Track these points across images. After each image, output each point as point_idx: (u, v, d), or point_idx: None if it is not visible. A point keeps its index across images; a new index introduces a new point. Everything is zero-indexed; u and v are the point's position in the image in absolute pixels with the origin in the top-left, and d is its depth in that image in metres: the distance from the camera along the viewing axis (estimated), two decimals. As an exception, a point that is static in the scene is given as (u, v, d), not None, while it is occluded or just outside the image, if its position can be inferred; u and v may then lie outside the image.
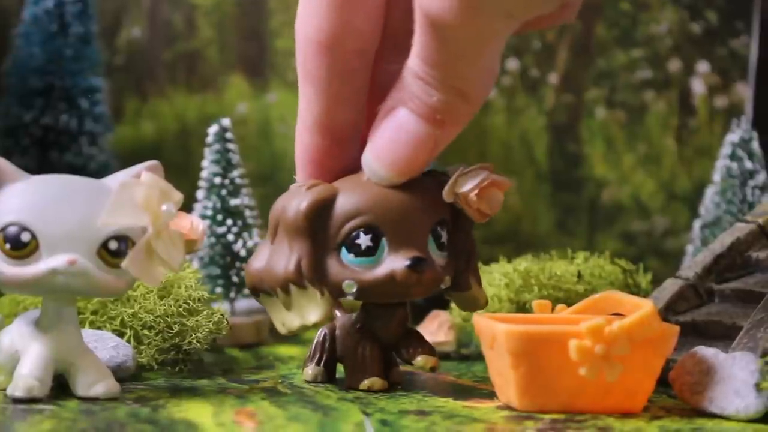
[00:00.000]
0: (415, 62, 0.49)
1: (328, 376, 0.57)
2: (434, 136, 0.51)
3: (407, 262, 0.52)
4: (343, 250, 0.53)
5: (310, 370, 0.57)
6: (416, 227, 0.53)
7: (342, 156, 0.54)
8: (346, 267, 0.53)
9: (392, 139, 0.51)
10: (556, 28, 1.02)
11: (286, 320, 0.54)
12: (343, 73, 0.52)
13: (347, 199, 0.53)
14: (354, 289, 0.53)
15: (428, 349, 0.55)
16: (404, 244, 0.53)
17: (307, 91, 0.53)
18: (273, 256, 0.53)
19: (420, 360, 0.54)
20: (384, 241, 0.52)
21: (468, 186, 0.52)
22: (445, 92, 0.49)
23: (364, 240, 0.52)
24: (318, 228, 0.53)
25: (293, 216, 0.52)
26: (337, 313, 0.58)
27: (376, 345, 0.55)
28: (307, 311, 0.53)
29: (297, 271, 0.52)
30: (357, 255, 0.52)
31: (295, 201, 0.53)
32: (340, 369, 0.57)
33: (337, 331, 0.57)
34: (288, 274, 0.52)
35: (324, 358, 0.57)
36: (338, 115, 0.53)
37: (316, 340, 0.58)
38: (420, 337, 0.55)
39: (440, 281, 0.54)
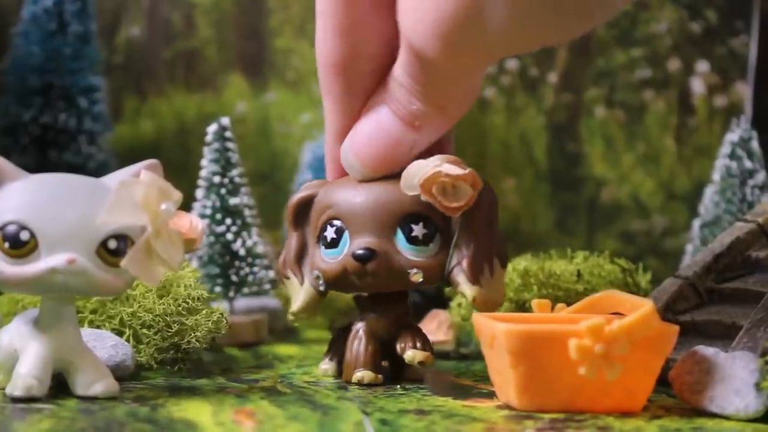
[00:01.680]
0: (399, 72, 0.51)
1: (340, 372, 0.58)
2: (411, 140, 0.53)
3: (353, 252, 0.53)
4: (320, 242, 0.56)
5: (323, 365, 0.58)
6: (379, 221, 0.54)
7: None
8: (321, 259, 0.55)
9: (371, 136, 0.53)
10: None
11: (290, 308, 0.57)
12: (358, 92, 0.54)
13: (324, 194, 0.56)
14: (321, 280, 0.55)
15: (421, 344, 0.55)
16: (362, 237, 0.54)
17: (327, 105, 0.55)
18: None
19: (409, 354, 0.55)
20: (346, 233, 0.54)
21: (417, 178, 0.52)
22: (426, 104, 0.51)
23: (329, 232, 0.55)
24: (306, 222, 0.56)
25: (286, 212, 0.57)
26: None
27: (371, 339, 0.56)
28: (294, 299, 0.57)
29: (283, 263, 0.57)
30: (326, 247, 0.55)
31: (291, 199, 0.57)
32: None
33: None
34: (279, 267, 0.57)
35: (338, 354, 0.58)
36: None
37: (331, 338, 0.59)
38: (415, 333, 0.56)
39: (399, 274, 0.54)
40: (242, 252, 0.72)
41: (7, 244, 0.46)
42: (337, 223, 0.55)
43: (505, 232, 0.57)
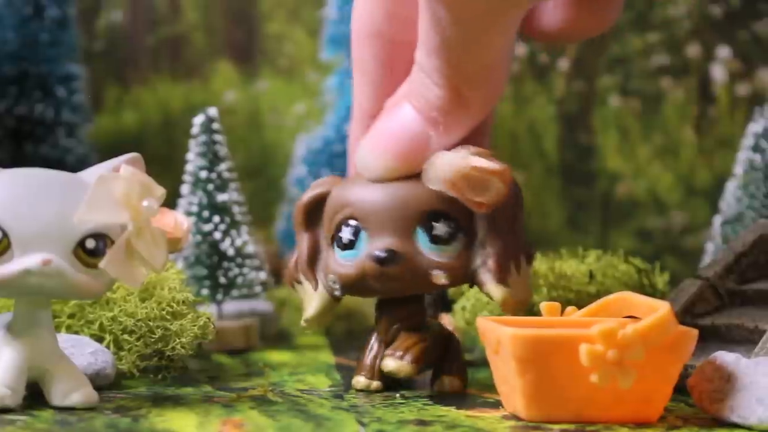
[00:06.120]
0: (418, 52, 0.52)
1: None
2: (428, 137, 0.53)
3: (373, 255, 0.53)
4: (335, 244, 0.55)
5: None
6: (398, 219, 0.53)
7: None
8: (337, 261, 0.55)
9: (390, 132, 0.54)
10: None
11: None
12: (386, 62, 0.56)
13: (337, 193, 0.55)
14: (337, 285, 0.55)
15: (403, 351, 0.54)
16: (381, 238, 0.53)
17: (356, 79, 0.58)
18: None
19: (384, 362, 0.55)
20: (363, 234, 0.54)
21: (444, 170, 0.52)
22: (445, 89, 0.52)
23: (345, 233, 0.55)
24: (318, 223, 0.56)
25: (295, 212, 0.57)
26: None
27: (376, 344, 0.56)
28: (307, 305, 0.56)
29: (295, 266, 0.56)
30: (342, 249, 0.55)
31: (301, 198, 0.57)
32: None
33: None
34: (290, 271, 0.57)
35: None
36: (382, 103, 0.56)
37: None
38: (406, 338, 0.55)
39: (421, 276, 0.53)
40: (231, 252, 0.72)
41: (-23, 244, 0.46)
42: (353, 223, 0.54)
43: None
